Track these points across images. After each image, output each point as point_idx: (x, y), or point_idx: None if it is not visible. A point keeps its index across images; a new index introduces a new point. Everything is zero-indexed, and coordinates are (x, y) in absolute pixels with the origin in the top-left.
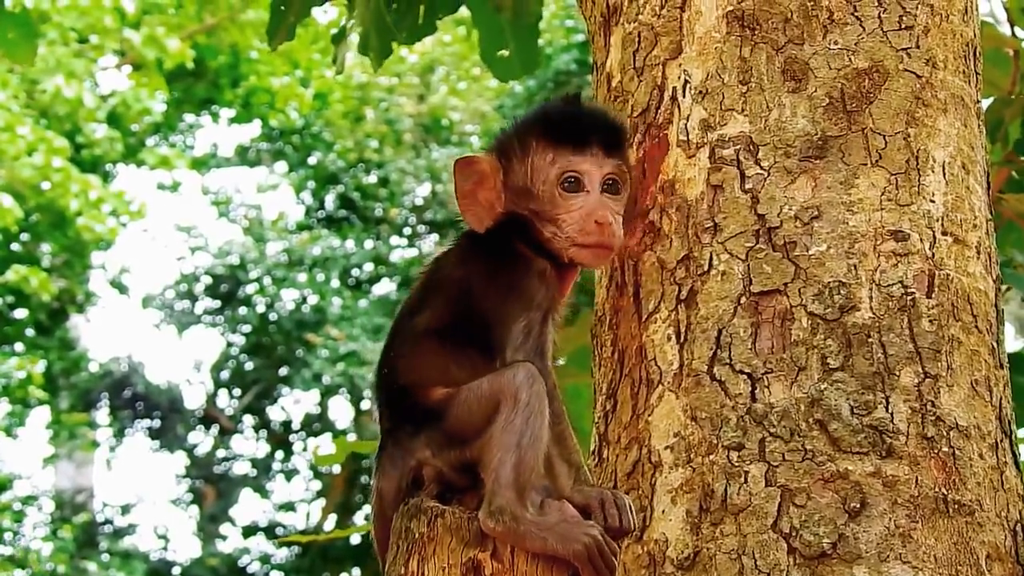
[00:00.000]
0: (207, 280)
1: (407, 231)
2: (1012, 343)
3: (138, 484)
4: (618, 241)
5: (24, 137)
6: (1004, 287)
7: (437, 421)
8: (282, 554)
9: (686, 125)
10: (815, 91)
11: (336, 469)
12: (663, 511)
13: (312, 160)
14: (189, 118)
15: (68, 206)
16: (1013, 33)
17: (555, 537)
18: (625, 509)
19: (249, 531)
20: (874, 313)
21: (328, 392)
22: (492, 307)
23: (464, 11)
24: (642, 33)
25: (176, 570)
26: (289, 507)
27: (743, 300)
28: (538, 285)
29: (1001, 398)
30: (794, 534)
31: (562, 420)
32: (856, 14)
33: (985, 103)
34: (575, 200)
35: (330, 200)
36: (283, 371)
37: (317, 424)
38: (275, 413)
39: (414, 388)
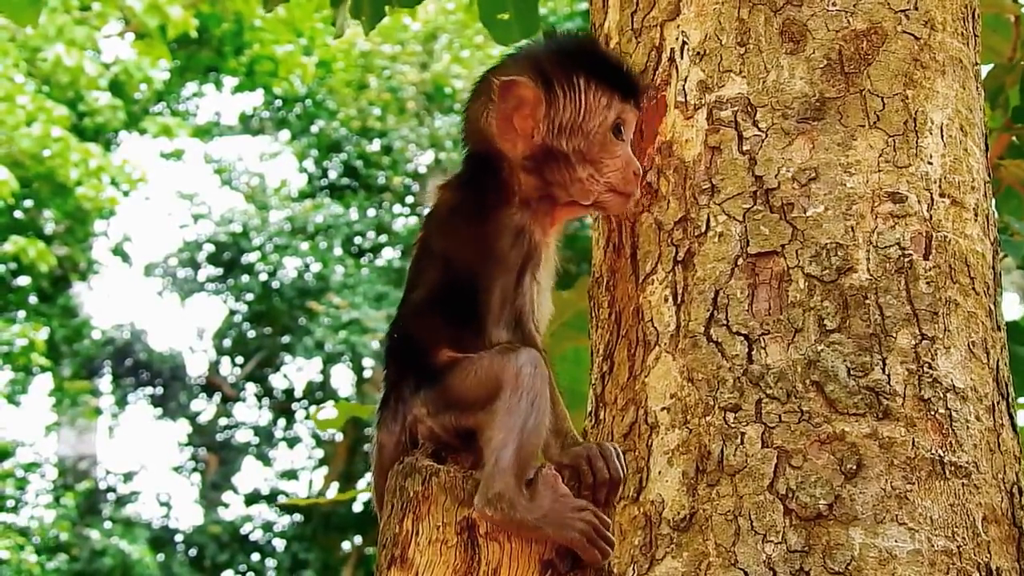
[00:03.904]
0: (210, 248)
1: (410, 199)
2: (1015, 311)
3: (140, 452)
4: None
5: (24, 107)
6: (1001, 254)
7: (437, 383)
8: (284, 522)
9: (684, 86)
10: (813, 52)
11: (339, 437)
12: (659, 472)
13: (315, 128)
14: (192, 86)
15: (68, 176)
16: None
17: (551, 525)
18: (612, 458)
19: (251, 499)
20: (871, 275)
21: (330, 360)
22: (472, 275)
23: None
24: None
25: (179, 538)
26: (291, 475)
27: (740, 261)
28: (511, 244)
29: (998, 360)
30: (790, 495)
31: (551, 387)
32: None
33: (985, 69)
34: (618, 147)
35: (333, 168)
36: (285, 339)
37: (319, 392)
38: (277, 381)
39: (422, 348)
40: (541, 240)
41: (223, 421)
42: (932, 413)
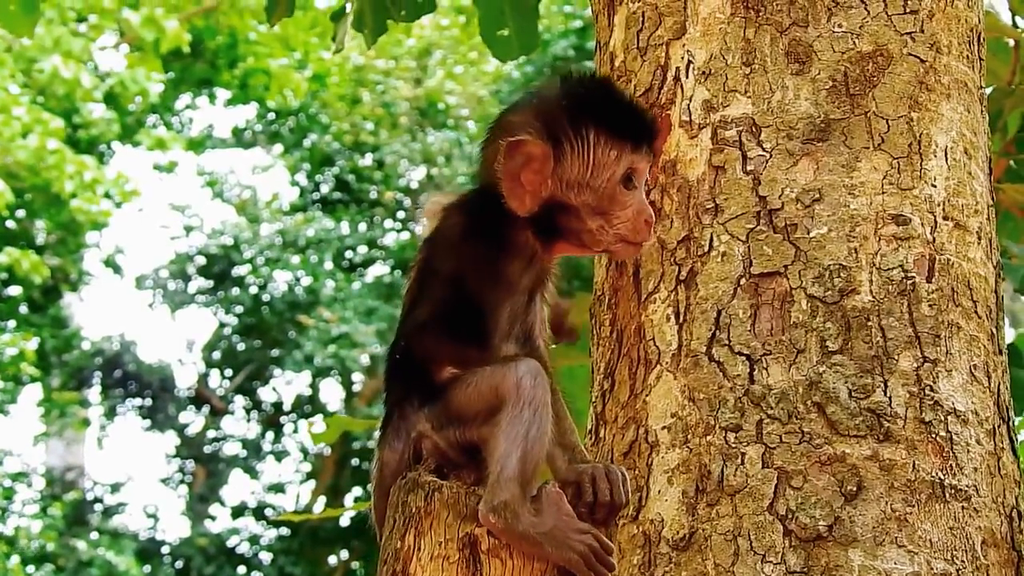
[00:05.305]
0: (200, 260)
1: (401, 214)
2: (1009, 334)
3: (128, 463)
4: (653, 239)
5: (20, 119)
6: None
7: (440, 399)
8: (271, 535)
9: (689, 106)
10: (818, 74)
11: (327, 451)
12: (659, 491)
13: (308, 142)
14: (186, 98)
15: (63, 188)
16: (1014, 23)
17: (552, 543)
18: (617, 483)
19: (238, 512)
20: (874, 297)
21: (319, 374)
22: (481, 295)
23: None
24: (646, 13)
25: (165, 549)
26: (279, 488)
27: (743, 281)
28: (523, 269)
29: (999, 384)
30: (790, 516)
31: (558, 400)
32: None
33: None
34: (628, 197)
35: (325, 182)
36: (275, 352)
37: (308, 406)
38: (266, 394)
39: (425, 364)
40: (550, 265)
41: (211, 433)
42: (933, 436)
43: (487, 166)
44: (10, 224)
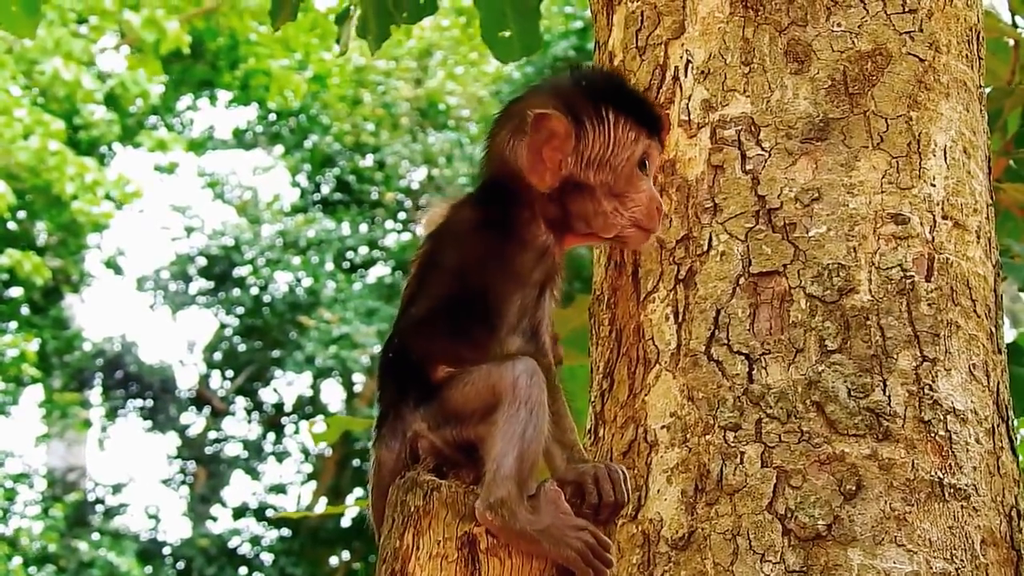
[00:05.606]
0: (201, 261)
1: (402, 215)
2: (1009, 334)
3: (130, 464)
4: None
5: (21, 120)
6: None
7: (436, 398)
8: (272, 535)
9: (687, 105)
10: (817, 73)
11: (328, 452)
12: (658, 491)
13: (308, 143)
14: (187, 100)
15: (64, 190)
16: (1014, 23)
17: (549, 540)
18: (619, 482)
19: (239, 512)
20: (873, 296)
21: (320, 375)
22: (489, 287)
23: None
24: (645, 12)
25: (167, 550)
26: (280, 489)
27: (742, 281)
28: (534, 262)
29: (999, 383)
30: (789, 515)
31: (558, 399)
32: None
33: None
34: (643, 182)
35: (326, 183)
36: (276, 353)
37: (309, 407)
38: (267, 395)
39: (420, 363)
40: (560, 260)
41: (212, 434)
42: (932, 435)
43: (497, 153)
44: (11, 226)
